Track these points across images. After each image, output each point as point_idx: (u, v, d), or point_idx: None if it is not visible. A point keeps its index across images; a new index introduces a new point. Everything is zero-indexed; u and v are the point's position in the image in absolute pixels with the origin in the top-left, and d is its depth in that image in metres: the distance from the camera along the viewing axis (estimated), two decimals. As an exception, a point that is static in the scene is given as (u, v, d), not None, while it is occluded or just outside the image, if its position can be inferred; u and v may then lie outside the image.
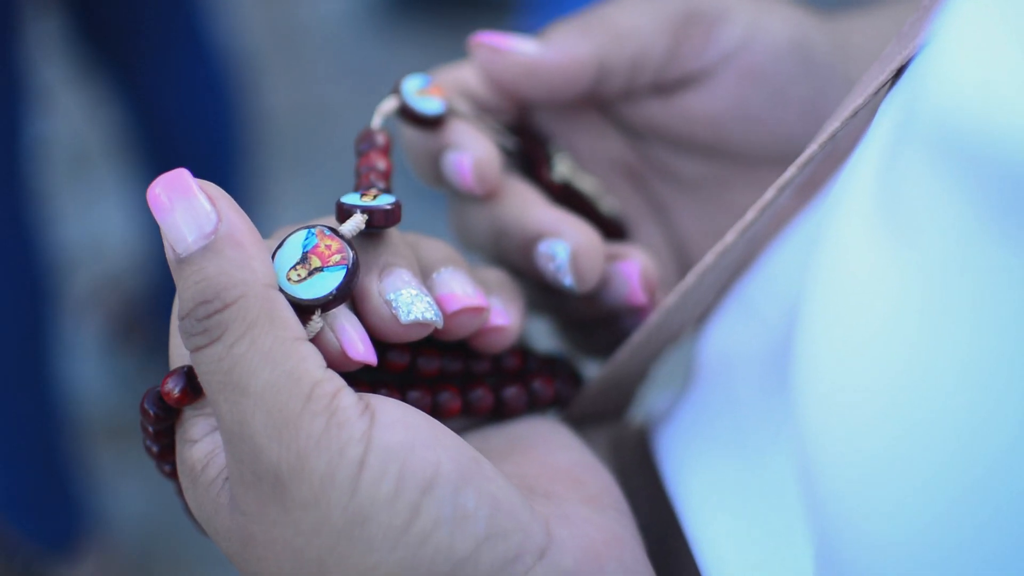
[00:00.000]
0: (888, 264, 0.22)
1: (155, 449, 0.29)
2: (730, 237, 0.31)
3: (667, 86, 0.38)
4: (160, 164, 1.30)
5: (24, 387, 1.16)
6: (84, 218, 1.66)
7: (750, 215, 0.30)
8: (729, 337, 0.35)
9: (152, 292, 1.42)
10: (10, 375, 1.14)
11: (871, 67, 0.30)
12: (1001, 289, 0.20)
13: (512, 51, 0.37)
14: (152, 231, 1.35)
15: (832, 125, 0.30)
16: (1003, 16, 0.20)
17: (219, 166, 1.31)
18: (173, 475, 0.30)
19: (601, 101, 0.39)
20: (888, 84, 0.29)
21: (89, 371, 1.47)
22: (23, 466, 1.18)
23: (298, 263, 0.28)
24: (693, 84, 0.38)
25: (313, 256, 0.28)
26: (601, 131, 0.40)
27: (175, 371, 0.28)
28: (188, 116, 1.28)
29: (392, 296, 0.29)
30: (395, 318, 0.29)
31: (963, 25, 0.21)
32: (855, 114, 0.29)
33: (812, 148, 0.30)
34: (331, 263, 0.28)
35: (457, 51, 0.38)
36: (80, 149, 1.75)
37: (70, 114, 1.69)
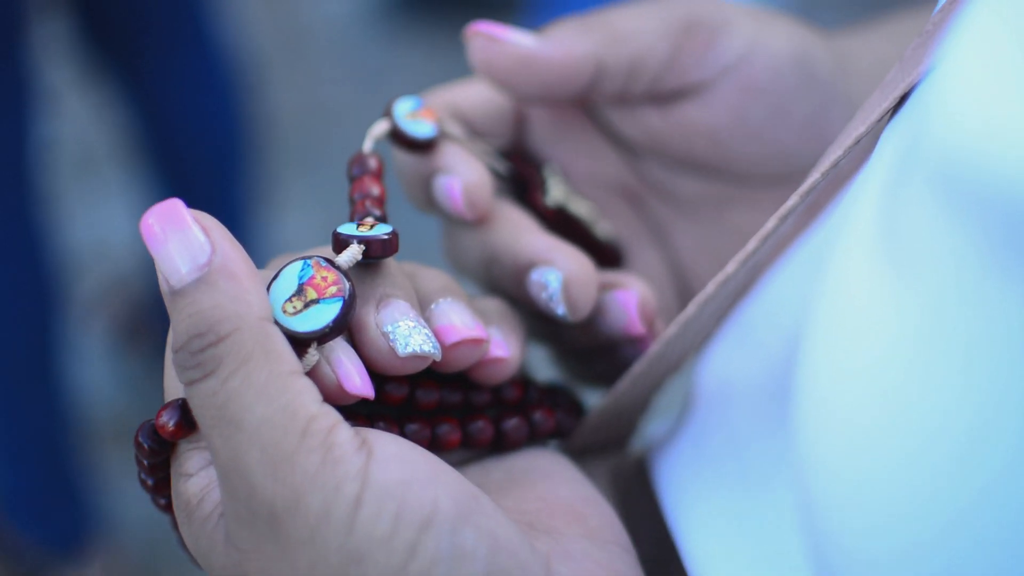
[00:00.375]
0: (889, 296, 0.22)
1: (150, 483, 0.29)
2: (731, 267, 0.30)
3: (666, 95, 0.38)
4: (166, 166, 1.30)
5: (31, 390, 1.16)
6: (90, 220, 1.67)
7: (751, 245, 0.30)
8: (728, 363, 0.34)
9: (158, 294, 1.41)
10: (17, 378, 1.15)
11: (873, 93, 0.30)
12: (999, 325, 0.20)
13: (508, 41, 0.36)
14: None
15: (834, 153, 0.29)
16: (1009, 50, 0.20)
17: (224, 167, 1.31)
18: (168, 509, 0.30)
19: (598, 103, 0.39)
20: (890, 111, 0.29)
21: (95, 373, 1.47)
22: (30, 469, 1.18)
23: (294, 295, 0.27)
24: (692, 95, 0.37)
25: (309, 288, 0.28)
26: (598, 152, 0.40)
27: (169, 404, 0.28)
28: (193, 118, 1.28)
29: (390, 328, 0.29)
30: (392, 351, 0.29)
31: (968, 59, 0.21)
32: (857, 142, 0.29)
33: (814, 177, 0.29)
34: (327, 295, 0.27)
35: (462, 52, 0.38)
36: (86, 151, 1.75)
37: (76, 116, 1.69)
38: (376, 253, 0.29)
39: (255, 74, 1.37)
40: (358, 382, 0.28)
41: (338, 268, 0.28)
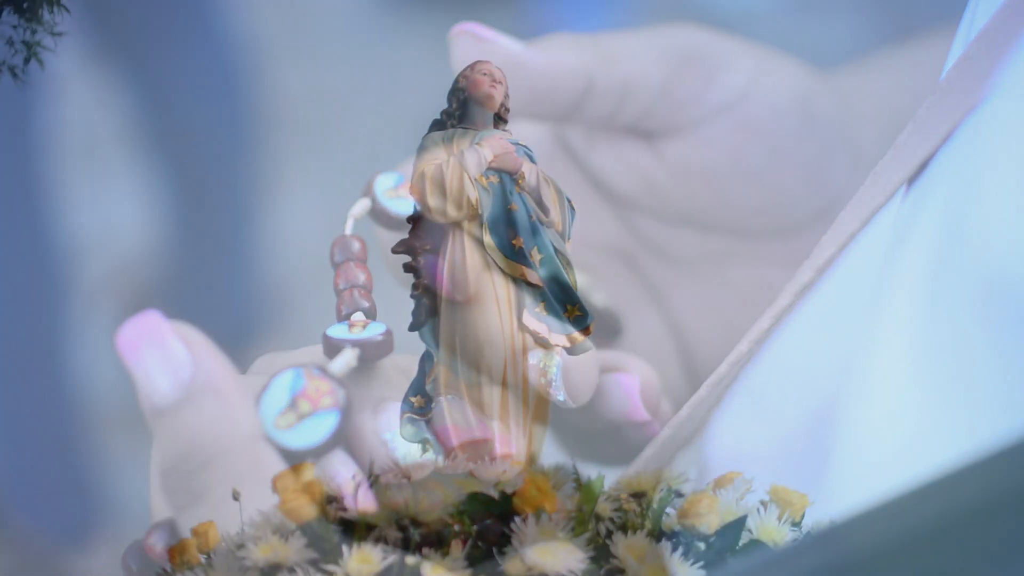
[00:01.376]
0: (925, 400, 0.22)
1: None
2: (744, 346, 0.30)
3: (659, 129, 0.36)
4: (172, 151, 1.30)
5: (37, 376, 1.16)
6: (96, 206, 1.66)
7: (766, 322, 0.29)
8: (740, 434, 0.33)
9: (165, 280, 1.42)
10: (23, 364, 1.15)
11: (885, 156, 0.29)
12: None
13: (495, 43, 0.35)
14: (164, 219, 1.35)
15: (851, 225, 0.29)
16: None
17: (230, 153, 1.31)
18: None
19: (588, 123, 0.38)
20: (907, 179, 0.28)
21: (101, 360, 1.47)
22: (36, 456, 1.18)
23: (286, 408, 0.26)
24: (687, 133, 0.36)
25: (302, 400, 0.27)
26: (591, 211, 0.38)
27: (158, 524, 0.27)
28: (199, 102, 1.27)
29: (389, 436, 0.28)
30: (392, 459, 0.28)
31: (1013, 174, 0.20)
32: (874, 213, 0.28)
33: (831, 251, 0.29)
34: (322, 406, 0.27)
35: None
36: (91, 137, 1.75)
37: (81, 101, 1.68)
38: (371, 357, 0.29)
39: (261, 58, 1.36)
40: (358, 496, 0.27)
41: (332, 376, 0.27)
